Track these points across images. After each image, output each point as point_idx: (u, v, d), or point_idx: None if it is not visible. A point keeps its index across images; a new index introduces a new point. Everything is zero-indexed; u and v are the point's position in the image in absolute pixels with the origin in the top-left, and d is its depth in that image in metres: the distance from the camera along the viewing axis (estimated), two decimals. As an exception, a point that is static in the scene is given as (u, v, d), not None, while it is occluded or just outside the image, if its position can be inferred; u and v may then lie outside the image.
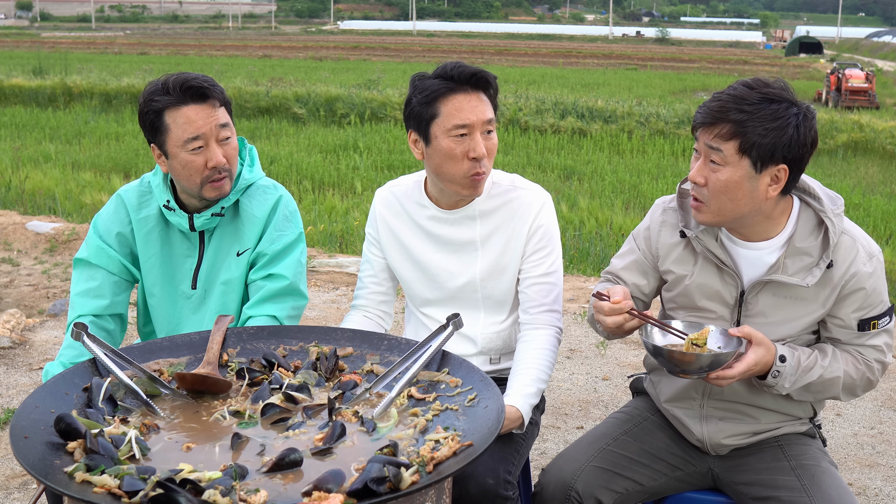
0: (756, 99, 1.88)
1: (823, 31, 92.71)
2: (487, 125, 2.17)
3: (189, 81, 2.19)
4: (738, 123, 1.87)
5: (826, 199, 2.00)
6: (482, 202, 2.29)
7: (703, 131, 1.94)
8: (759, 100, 1.88)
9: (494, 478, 2.07)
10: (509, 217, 2.29)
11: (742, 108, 1.87)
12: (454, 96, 2.14)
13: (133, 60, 30.57)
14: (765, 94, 1.89)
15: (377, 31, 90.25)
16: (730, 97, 1.90)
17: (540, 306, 2.30)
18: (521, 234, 2.29)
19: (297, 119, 15.85)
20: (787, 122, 1.87)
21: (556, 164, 11.57)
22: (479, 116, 2.15)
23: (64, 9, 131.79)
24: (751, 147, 1.87)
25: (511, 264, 2.31)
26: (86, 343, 1.78)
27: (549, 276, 2.31)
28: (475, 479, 2.05)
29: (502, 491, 2.07)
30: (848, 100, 21.98)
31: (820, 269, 1.97)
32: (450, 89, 2.14)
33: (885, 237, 7.96)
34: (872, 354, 2.05)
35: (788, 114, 1.88)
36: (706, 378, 1.92)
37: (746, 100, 1.88)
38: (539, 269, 2.30)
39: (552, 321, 2.31)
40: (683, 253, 2.13)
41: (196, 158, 2.20)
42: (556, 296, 2.32)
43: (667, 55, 46.88)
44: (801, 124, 1.88)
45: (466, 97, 2.15)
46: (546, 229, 2.30)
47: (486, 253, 2.30)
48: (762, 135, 1.86)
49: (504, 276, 2.32)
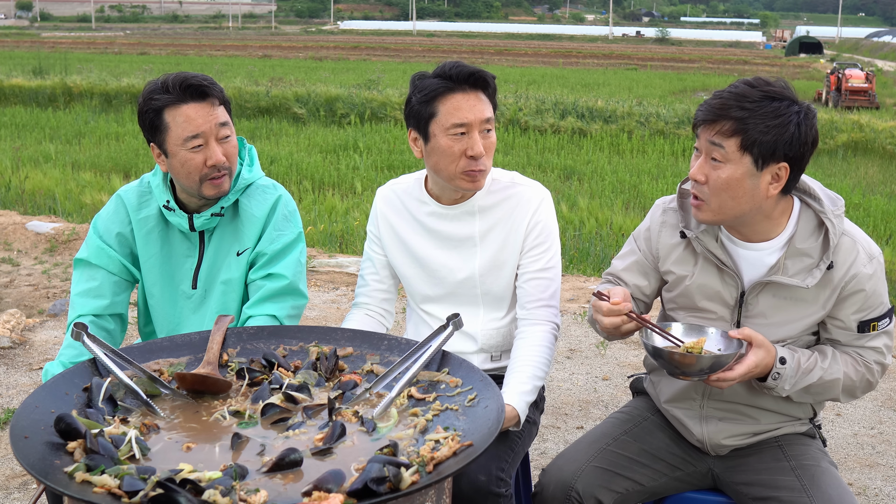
0: (757, 97, 1.88)
1: (823, 31, 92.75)
2: (486, 124, 2.19)
3: (189, 80, 2.19)
4: (740, 121, 1.87)
5: (826, 200, 2.00)
6: (481, 198, 2.30)
7: (705, 128, 1.94)
8: (761, 97, 1.88)
9: (486, 474, 2.07)
10: (508, 213, 2.30)
11: (743, 105, 1.88)
12: (453, 95, 2.16)
13: (133, 60, 30.57)
14: (766, 92, 1.89)
15: (377, 31, 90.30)
16: (731, 95, 1.90)
17: (537, 301, 2.31)
18: (519, 230, 2.30)
19: (297, 119, 15.85)
20: (788, 119, 1.87)
21: (556, 164, 11.57)
22: (477, 115, 2.17)
23: (64, 9, 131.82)
24: (752, 144, 1.88)
25: (510, 260, 2.32)
26: (86, 343, 1.78)
27: (547, 272, 2.31)
28: (467, 476, 2.05)
29: (494, 488, 2.07)
30: (848, 100, 21.98)
31: (820, 271, 1.97)
32: (448, 88, 2.16)
33: (885, 237, 7.96)
34: (872, 356, 2.05)
35: (790, 112, 1.88)
36: (706, 380, 1.92)
37: (748, 97, 1.88)
38: (537, 264, 2.31)
39: (549, 316, 2.31)
40: (684, 253, 2.13)
41: (196, 156, 2.21)
42: (554, 291, 2.33)
43: (667, 55, 46.89)
44: (803, 122, 1.88)
45: (465, 96, 2.16)
46: (544, 225, 2.31)
47: (485, 248, 2.31)
48: (763, 132, 1.86)
49: (503, 272, 2.32)
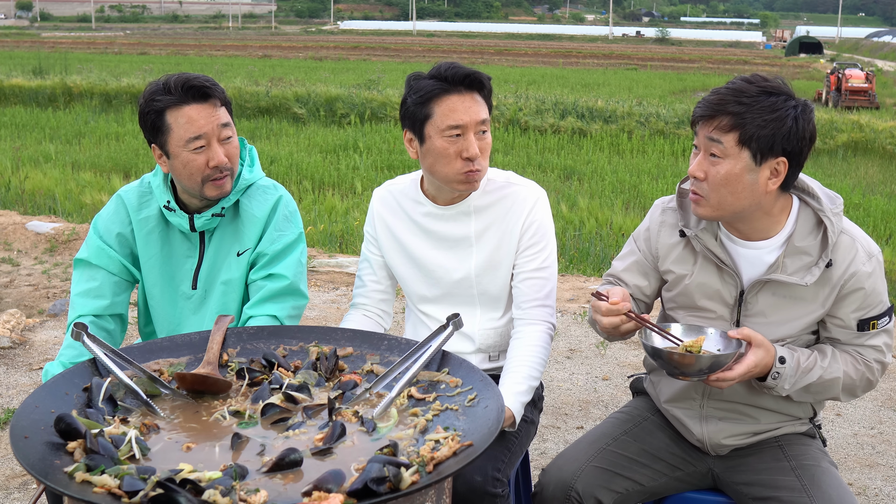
0: (755, 92, 1.90)
1: (823, 31, 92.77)
2: (481, 125, 2.19)
3: (191, 81, 2.19)
4: (738, 115, 1.88)
5: (825, 199, 2.01)
6: (477, 198, 2.30)
7: (703, 125, 1.95)
8: (758, 92, 1.89)
9: (482, 475, 2.07)
10: (504, 213, 2.30)
11: (741, 100, 1.89)
12: (448, 97, 2.16)
13: (133, 60, 30.57)
14: (763, 87, 1.90)
15: (377, 31, 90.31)
16: (728, 91, 1.92)
17: (533, 301, 2.31)
18: (515, 230, 2.30)
19: (297, 119, 15.85)
20: (785, 113, 1.88)
21: (556, 164, 11.57)
22: (473, 117, 2.16)
23: (64, 9, 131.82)
24: (750, 138, 1.88)
25: (505, 260, 2.31)
26: (86, 343, 1.78)
27: (543, 272, 2.31)
28: (463, 477, 2.05)
29: (490, 488, 2.07)
30: (848, 100, 21.98)
31: (819, 269, 1.97)
32: (444, 90, 2.16)
33: (885, 237, 7.96)
34: (872, 354, 2.05)
35: (787, 106, 1.89)
36: (706, 380, 1.92)
37: (745, 93, 1.90)
38: (532, 263, 2.31)
39: (545, 316, 2.31)
40: (683, 252, 2.13)
41: (198, 158, 2.21)
42: (550, 291, 2.33)
43: (667, 55, 46.90)
44: (800, 116, 1.90)
45: (460, 98, 2.16)
46: (540, 224, 2.31)
47: (481, 248, 2.31)
48: (761, 126, 1.87)
49: (499, 272, 2.32)
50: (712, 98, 1.93)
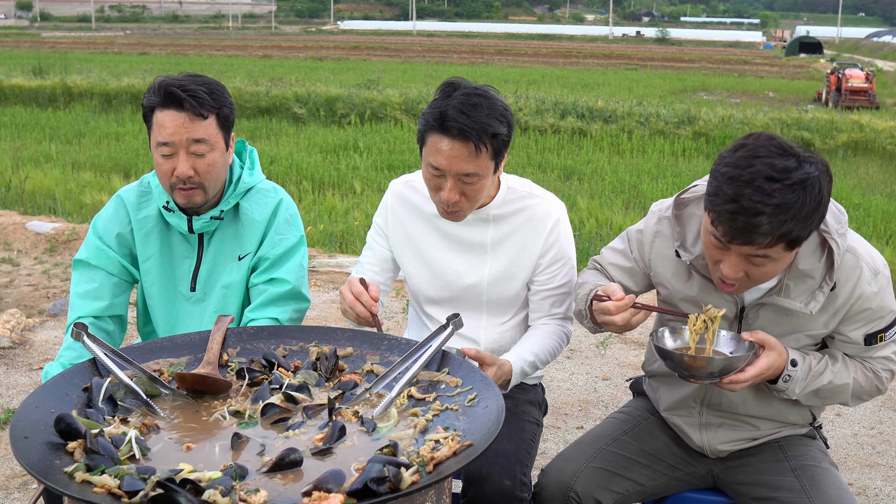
0: (783, 191, 1.69)
1: (823, 31, 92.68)
2: (464, 177, 2.08)
3: (171, 86, 2.17)
4: (783, 234, 1.72)
5: (831, 220, 1.90)
6: (496, 207, 2.27)
7: (740, 245, 1.77)
8: (786, 189, 1.69)
9: (511, 479, 2.07)
10: (523, 224, 2.27)
11: (778, 216, 1.69)
12: (439, 137, 2.06)
13: (133, 60, 30.56)
14: (795, 180, 1.70)
15: (377, 31, 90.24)
16: (770, 209, 1.69)
17: (552, 316, 2.34)
18: (534, 246, 2.27)
19: (297, 119, 15.84)
20: (821, 203, 1.73)
21: (556, 164, 11.56)
22: (453, 167, 2.06)
23: (64, 9, 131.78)
24: (796, 240, 1.76)
25: (521, 273, 2.30)
26: (86, 343, 1.78)
27: (563, 287, 2.33)
28: (492, 481, 2.05)
29: (518, 493, 2.07)
30: (848, 100, 21.96)
31: (823, 294, 1.91)
32: (435, 129, 2.06)
33: (886, 237, 7.96)
34: (881, 365, 2.03)
35: (822, 192, 1.72)
36: (718, 383, 1.89)
37: (785, 205, 1.69)
38: (552, 282, 2.32)
39: (563, 325, 2.35)
40: (679, 268, 2.08)
41: (165, 163, 2.21)
42: (569, 305, 2.35)
43: (667, 55, 46.87)
44: (826, 188, 1.74)
45: (451, 143, 2.05)
46: (560, 245, 2.29)
47: (497, 257, 2.29)
48: (804, 227, 1.74)
49: (512, 283, 2.31)
50: (743, 222, 1.70)
